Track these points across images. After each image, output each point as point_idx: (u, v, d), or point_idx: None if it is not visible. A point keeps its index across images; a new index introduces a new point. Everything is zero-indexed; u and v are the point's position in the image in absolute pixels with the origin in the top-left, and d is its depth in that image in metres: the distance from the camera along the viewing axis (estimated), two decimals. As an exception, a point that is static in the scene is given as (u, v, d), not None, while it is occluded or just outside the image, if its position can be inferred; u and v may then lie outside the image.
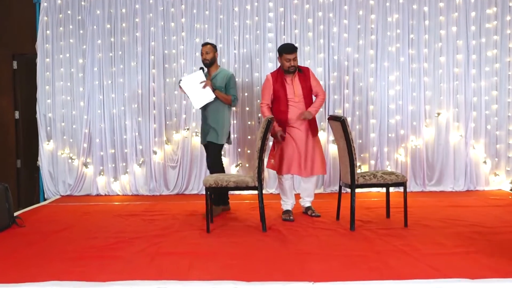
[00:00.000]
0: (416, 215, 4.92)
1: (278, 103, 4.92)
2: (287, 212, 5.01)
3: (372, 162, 6.44)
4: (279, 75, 4.95)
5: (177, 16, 6.45)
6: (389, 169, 6.36)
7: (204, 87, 5.11)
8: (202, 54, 5.20)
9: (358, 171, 6.05)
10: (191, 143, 6.48)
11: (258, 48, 6.45)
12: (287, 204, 5.05)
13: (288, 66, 4.87)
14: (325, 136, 6.42)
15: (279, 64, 5.00)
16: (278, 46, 5.64)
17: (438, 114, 6.46)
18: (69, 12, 6.46)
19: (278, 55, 5.00)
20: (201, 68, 5.27)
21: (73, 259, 3.71)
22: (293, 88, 4.93)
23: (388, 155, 6.47)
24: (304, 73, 4.98)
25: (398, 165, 6.46)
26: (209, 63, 5.18)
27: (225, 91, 5.17)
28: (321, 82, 6.40)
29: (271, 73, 5.02)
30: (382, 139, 6.47)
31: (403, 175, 4.63)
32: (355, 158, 4.40)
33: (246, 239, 4.23)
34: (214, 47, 5.22)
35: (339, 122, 4.41)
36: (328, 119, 4.82)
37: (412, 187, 6.41)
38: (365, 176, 4.50)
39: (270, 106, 4.99)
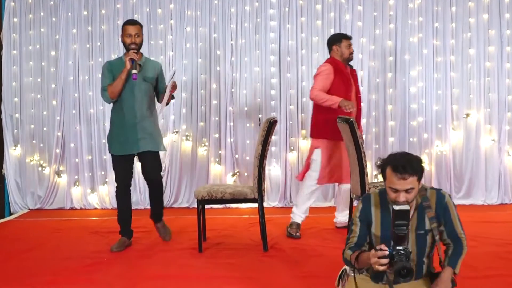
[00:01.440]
0: (441, 232, 4.90)
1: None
2: (296, 226, 5.02)
3: (391, 170, 6.42)
4: (338, 66, 5.05)
5: (165, 2, 6.47)
6: (410, 178, 6.34)
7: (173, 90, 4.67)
8: (128, 36, 4.53)
9: (374, 180, 6.06)
10: (181, 149, 6.48)
11: (258, 39, 6.46)
12: (300, 216, 5.07)
13: (350, 53, 5.12)
14: (336, 140, 6.42)
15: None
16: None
17: (467, 115, 6.46)
18: (39, -4, 6.48)
19: (332, 44, 5.14)
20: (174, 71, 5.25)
21: (43, 283, 3.70)
22: (352, 83, 5.10)
23: (409, 162, 6.45)
24: (353, 69, 5.22)
25: (421, 174, 6.44)
26: (138, 49, 4.57)
27: (154, 84, 4.73)
28: (332, 78, 6.43)
29: (329, 62, 5.08)
30: (402, 144, 6.46)
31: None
32: (365, 166, 4.40)
33: (245, 260, 4.23)
34: (142, 27, 4.68)
35: (347, 124, 4.42)
36: (337, 120, 4.82)
37: (437, 199, 6.40)
38: (377, 186, 4.50)
39: None
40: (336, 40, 5.14)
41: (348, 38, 5.16)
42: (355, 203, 4.94)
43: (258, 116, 6.47)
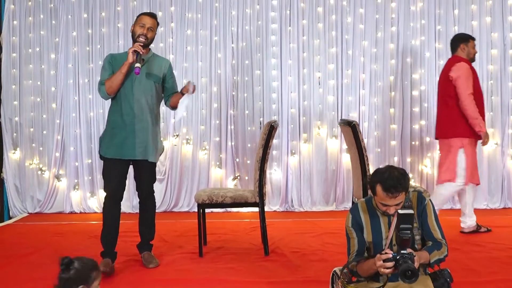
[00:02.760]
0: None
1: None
2: (477, 226, 5.19)
3: (393, 174, 6.42)
4: (470, 65, 5.11)
5: (165, 4, 6.48)
6: (412, 182, 6.35)
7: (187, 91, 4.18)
8: (141, 26, 4.08)
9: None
10: (181, 152, 6.48)
11: (259, 42, 6.46)
12: (472, 220, 5.21)
13: (474, 54, 5.21)
14: (338, 143, 6.42)
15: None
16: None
17: (470, 118, 6.46)
18: (39, -1, 6.49)
19: (460, 42, 5.18)
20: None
21: None
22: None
23: (412, 166, 6.47)
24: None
25: (423, 178, 6.46)
26: (148, 44, 4.13)
27: (161, 84, 4.27)
28: (333, 81, 6.45)
29: (463, 61, 5.10)
30: (404, 147, 6.46)
31: (425, 190, 4.64)
32: (368, 170, 4.40)
33: (246, 264, 4.22)
34: (158, 25, 4.29)
35: (349, 127, 4.42)
36: (339, 123, 4.83)
37: (439, 204, 6.40)
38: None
39: None
40: (464, 39, 5.20)
41: (474, 39, 5.27)
42: (362, 199, 4.95)
43: (259, 120, 6.47)
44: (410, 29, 6.46)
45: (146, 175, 4.23)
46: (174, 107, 4.30)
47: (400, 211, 2.61)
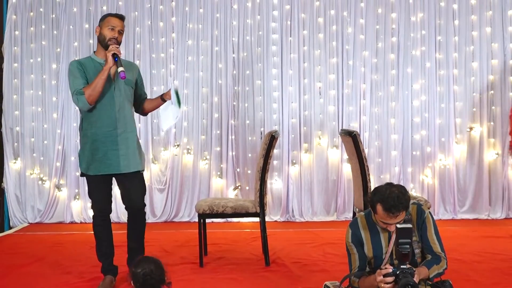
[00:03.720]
0: (445, 247, 4.86)
1: None
2: None
3: (394, 184, 6.42)
4: None
5: (166, 15, 6.50)
6: (413, 192, 6.34)
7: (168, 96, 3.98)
8: (111, 29, 3.83)
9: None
10: (182, 162, 6.48)
11: (260, 52, 6.49)
12: None
13: None
14: (339, 154, 6.43)
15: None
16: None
17: (471, 128, 6.47)
18: (41, 10, 6.51)
19: None
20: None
21: (42, 298, 3.69)
22: None
23: (413, 176, 6.47)
24: None
25: (424, 188, 6.45)
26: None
27: (134, 89, 4.03)
28: (333, 91, 6.46)
29: None
30: (405, 157, 6.47)
31: (426, 200, 4.63)
32: (369, 180, 4.40)
33: (246, 274, 4.21)
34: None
35: (350, 137, 4.42)
36: (340, 133, 4.85)
37: (440, 214, 6.40)
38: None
39: None
40: None
41: None
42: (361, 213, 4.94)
43: (259, 130, 6.48)
44: (410, 39, 6.48)
45: (135, 187, 3.92)
46: (147, 113, 4.18)
47: (399, 226, 2.61)
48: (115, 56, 3.72)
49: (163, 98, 4.01)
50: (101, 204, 3.93)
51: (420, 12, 6.48)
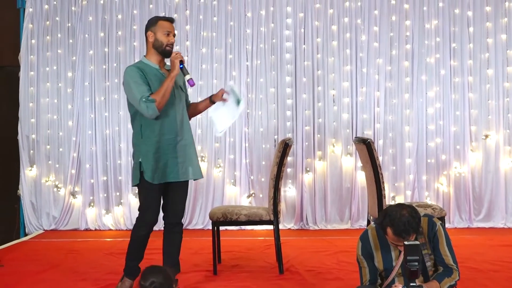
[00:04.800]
0: (461, 255, 4.79)
1: None
2: None
3: (408, 192, 6.40)
4: None
5: (181, 23, 6.54)
6: (428, 200, 6.30)
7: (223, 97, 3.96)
8: (166, 34, 3.79)
9: (391, 202, 6.02)
10: (196, 170, 6.48)
11: (274, 60, 6.50)
12: None
13: None
14: (353, 161, 6.41)
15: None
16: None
17: (486, 136, 6.42)
18: (57, 18, 6.58)
19: None
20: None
21: (57, 304, 3.71)
22: None
23: (428, 184, 6.43)
24: None
25: (439, 196, 6.41)
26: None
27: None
28: (347, 99, 6.46)
29: None
30: (420, 165, 6.43)
31: (441, 208, 4.60)
32: (383, 188, 4.39)
33: (260, 282, 4.20)
34: None
35: (364, 145, 4.41)
36: (354, 141, 4.84)
37: (456, 222, 6.35)
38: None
39: None
40: None
41: None
42: (372, 223, 4.92)
43: (273, 137, 6.48)
44: (425, 46, 6.46)
45: (182, 195, 3.92)
46: (190, 118, 4.06)
47: (406, 243, 2.63)
48: (181, 63, 3.73)
49: (212, 100, 3.98)
50: (154, 214, 3.82)
51: (435, 19, 6.46)
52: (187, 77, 3.73)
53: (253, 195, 6.47)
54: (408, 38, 6.48)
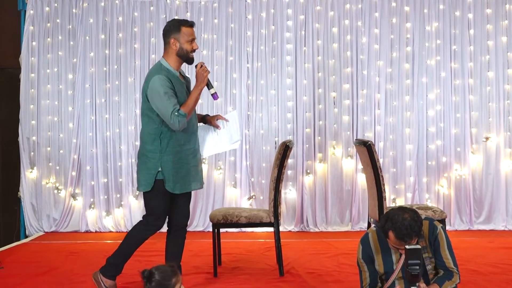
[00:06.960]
0: (461, 258, 4.82)
1: None
2: None
3: (409, 194, 6.39)
4: None
5: (181, 25, 6.53)
6: (429, 203, 6.30)
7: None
8: (191, 41, 3.78)
9: (392, 205, 6.02)
10: (196, 172, 6.49)
11: (274, 62, 6.50)
12: None
13: None
14: (353, 163, 6.40)
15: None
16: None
17: (487, 138, 6.42)
18: (58, 21, 6.59)
19: None
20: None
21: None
22: None
23: (428, 186, 6.42)
24: None
25: (439, 199, 6.40)
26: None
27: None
28: (348, 101, 6.45)
29: None
30: (420, 167, 6.43)
31: (442, 211, 4.60)
32: (384, 190, 4.39)
33: (260, 285, 4.21)
34: None
35: (365, 147, 4.41)
36: (354, 143, 4.84)
37: (456, 225, 6.34)
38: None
39: None
40: None
41: None
42: (372, 226, 4.91)
43: (274, 139, 6.48)
44: (425, 49, 6.46)
45: (188, 198, 3.98)
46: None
47: (408, 246, 2.63)
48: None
49: (206, 120, 4.00)
50: (164, 219, 3.87)
51: (435, 21, 6.46)
52: (212, 90, 3.76)
53: (253, 197, 6.47)
54: (408, 40, 6.48)
